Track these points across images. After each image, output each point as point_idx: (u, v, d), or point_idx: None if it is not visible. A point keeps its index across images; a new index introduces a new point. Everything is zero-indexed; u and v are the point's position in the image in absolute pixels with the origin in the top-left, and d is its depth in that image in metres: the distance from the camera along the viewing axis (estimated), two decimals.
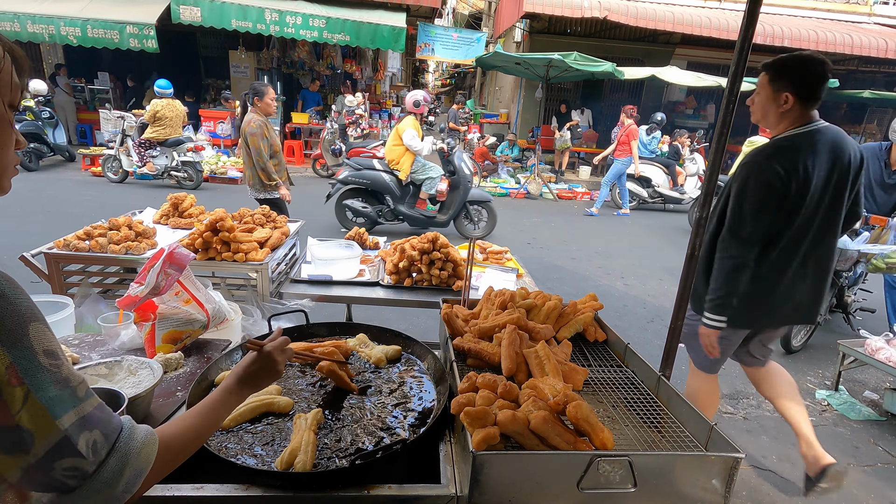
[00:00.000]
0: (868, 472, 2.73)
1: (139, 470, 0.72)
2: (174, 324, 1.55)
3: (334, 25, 9.68)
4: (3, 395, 0.58)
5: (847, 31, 11.43)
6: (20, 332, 0.60)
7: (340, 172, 6.34)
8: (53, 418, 0.62)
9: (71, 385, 0.66)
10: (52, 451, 0.63)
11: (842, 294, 4.17)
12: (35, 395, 0.61)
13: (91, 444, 0.67)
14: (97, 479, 0.67)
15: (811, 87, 1.94)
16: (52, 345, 0.64)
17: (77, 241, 2.26)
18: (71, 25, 8.98)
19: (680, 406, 1.30)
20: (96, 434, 0.68)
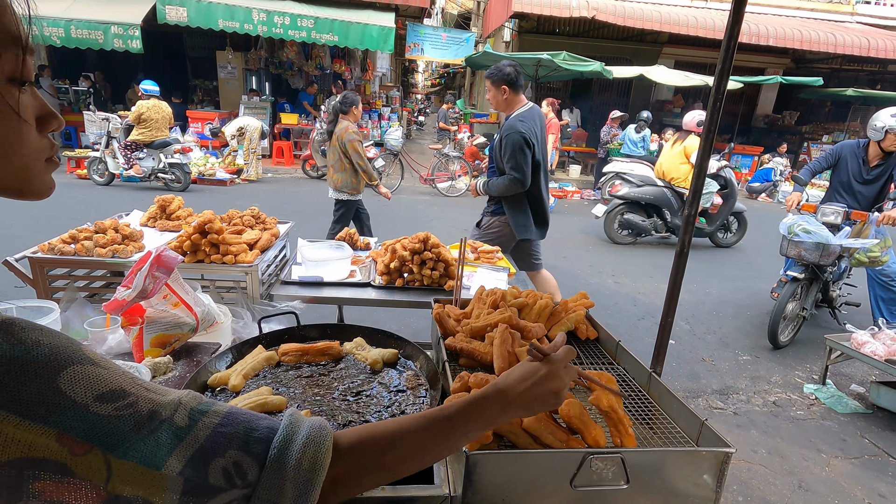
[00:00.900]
0: (855, 464, 2.77)
1: (305, 481, 0.57)
2: (162, 327, 1.53)
3: (323, 25, 9.64)
4: (77, 472, 0.45)
5: (830, 30, 11.61)
6: (50, 393, 0.45)
7: (618, 189, 6.83)
8: (156, 469, 0.49)
9: (161, 418, 0.52)
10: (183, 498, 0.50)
11: (827, 289, 4.22)
12: (114, 454, 0.47)
13: (231, 469, 0.54)
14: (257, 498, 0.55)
15: (512, 80, 3.02)
16: (106, 384, 0.49)
17: (62, 245, 2.22)
18: (54, 26, 8.85)
19: (671, 402, 1.31)
20: (232, 455, 0.54)
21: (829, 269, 4.03)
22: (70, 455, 0.45)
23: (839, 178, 4.26)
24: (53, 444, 0.44)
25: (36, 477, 0.44)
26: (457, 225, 7.34)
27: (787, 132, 14.79)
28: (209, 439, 0.53)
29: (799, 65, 14.44)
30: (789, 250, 3.95)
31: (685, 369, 3.70)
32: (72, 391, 0.46)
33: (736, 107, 12.69)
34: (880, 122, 3.93)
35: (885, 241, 3.84)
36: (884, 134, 3.92)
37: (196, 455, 0.52)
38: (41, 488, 0.44)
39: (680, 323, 4.43)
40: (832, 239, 3.73)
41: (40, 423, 0.44)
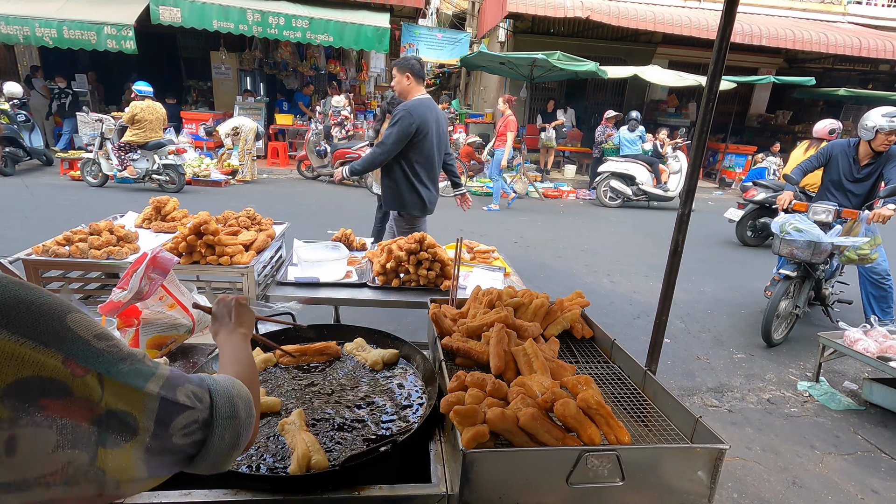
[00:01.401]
0: (849, 460, 2.80)
1: (245, 397, 0.75)
2: (159, 329, 1.53)
3: (317, 26, 9.61)
4: (76, 391, 0.55)
5: (822, 30, 11.69)
6: (59, 328, 0.56)
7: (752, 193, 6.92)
8: (139, 388, 0.61)
9: (138, 357, 0.64)
10: (159, 419, 0.62)
11: (819, 287, 4.25)
12: (108, 376, 0.58)
13: (191, 395, 0.67)
14: (219, 417, 0.69)
15: (416, 71, 3.34)
16: (99, 329, 0.61)
17: (56, 247, 2.21)
18: (46, 26, 8.79)
19: (666, 400, 1.32)
20: (190, 387, 0.68)
21: (820, 267, 4.06)
22: (72, 376, 0.55)
23: (830, 177, 4.29)
24: (60, 365, 0.54)
25: (42, 394, 0.53)
26: (453, 225, 7.34)
27: (781, 131, 14.87)
28: (171, 375, 0.67)
29: (791, 65, 14.53)
30: (781, 249, 3.98)
31: (680, 367, 3.72)
32: (77, 328, 0.57)
33: (729, 106, 12.75)
34: (871, 122, 3.96)
35: (875, 238, 3.88)
36: (874, 133, 3.95)
37: (167, 382, 0.65)
38: (45, 404, 0.53)
39: (675, 321, 4.45)
40: (823, 237, 3.76)
41: (52, 348, 0.54)
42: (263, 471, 1.09)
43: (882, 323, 3.70)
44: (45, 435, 0.52)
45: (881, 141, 3.95)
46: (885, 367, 3.04)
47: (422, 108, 3.28)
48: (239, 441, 0.73)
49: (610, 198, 9.64)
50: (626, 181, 9.50)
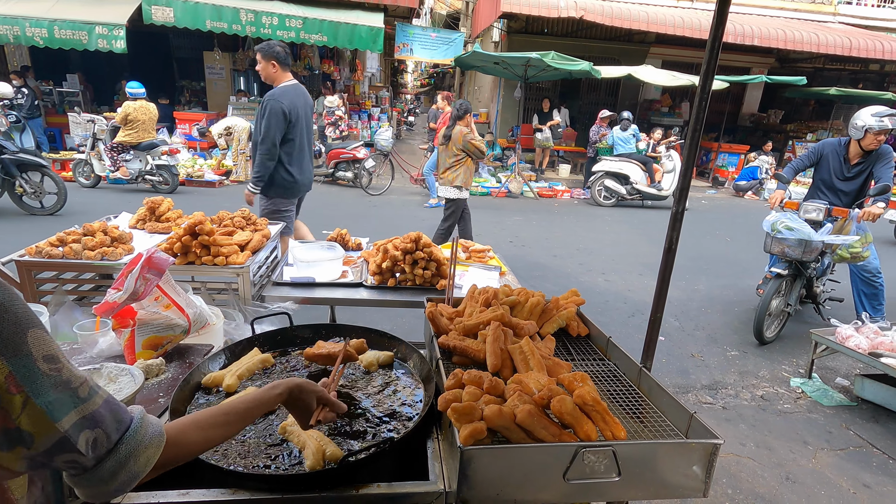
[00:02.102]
0: (841, 455, 2.83)
1: (135, 474, 0.74)
2: (154, 329, 1.53)
3: (311, 26, 9.58)
4: (2, 402, 0.60)
5: (813, 30, 11.80)
6: (18, 341, 0.60)
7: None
8: (53, 421, 0.64)
9: (72, 387, 0.67)
10: (51, 449, 0.65)
11: (811, 285, 4.29)
12: (34, 400, 0.62)
13: (91, 442, 0.69)
14: (93, 475, 0.70)
15: (281, 58, 3.41)
16: (51, 349, 0.65)
17: (50, 248, 2.20)
18: (37, 26, 8.70)
19: (661, 397, 1.33)
20: (98, 432, 0.70)
21: (811, 265, 4.10)
22: (6, 391, 0.59)
23: (821, 176, 4.32)
24: (2, 378, 0.59)
25: None
26: None
27: (773, 130, 15.00)
28: (95, 413, 0.69)
29: (783, 64, 14.65)
30: (773, 247, 4.02)
31: (675, 365, 3.75)
32: (32, 346, 0.61)
33: (722, 106, 12.83)
34: (860, 121, 3.99)
35: (866, 236, 3.92)
36: (864, 133, 3.98)
37: (81, 421, 0.67)
38: None
39: (669, 319, 4.48)
40: (814, 235, 3.79)
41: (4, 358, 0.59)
42: (273, 467, 1.09)
43: (873, 320, 3.74)
44: None
45: (870, 140, 3.98)
46: (877, 364, 3.07)
47: (290, 94, 3.39)
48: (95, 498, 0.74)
49: (604, 197, 9.68)
50: (621, 180, 9.55)
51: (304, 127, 3.57)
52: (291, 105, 3.37)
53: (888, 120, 3.88)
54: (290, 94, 3.39)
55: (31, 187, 6.55)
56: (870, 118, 3.93)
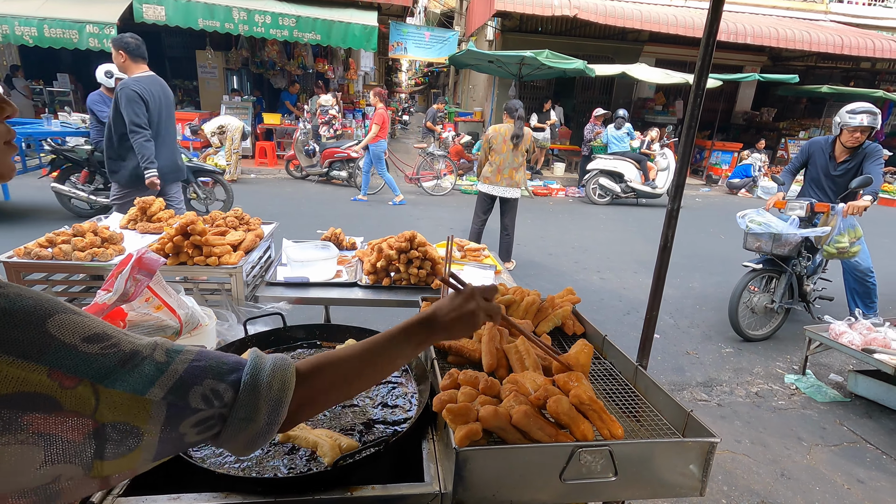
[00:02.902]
0: (835, 451, 2.84)
1: (277, 400, 0.67)
2: (145, 331, 1.50)
3: (305, 24, 9.53)
4: (66, 405, 0.50)
5: (805, 29, 11.87)
6: (40, 334, 0.50)
7: None
8: (141, 396, 0.55)
9: (143, 356, 0.58)
10: (167, 423, 0.57)
11: (801, 283, 4.27)
12: (102, 384, 0.52)
13: (207, 395, 0.61)
14: (234, 417, 0.64)
15: (131, 49, 3.49)
16: (91, 329, 0.55)
17: (39, 249, 2.17)
18: (26, 25, 8.61)
19: (657, 395, 1.32)
20: (209, 383, 0.62)
21: (794, 260, 4.06)
22: (60, 388, 0.50)
23: (810, 175, 4.32)
24: (45, 378, 0.49)
25: (26, 410, 0.48)
26: (443, 223, 7.34)
27: (765, 128, 15.09)
28: (187, 371, 0.60)
29: (776, 62, 14.74)
30: (750, 243, 4.06)
31: (670, 362, 3.76)
32: (60, 334, 0.51)
33: (716, 104, 12.90)
34: (838, 119, 3.98)
35: (855, 231, 3.89)
36: (840, 130, 3.97)
37: (177, 384, 0.58)
38: (30, 420, 0.48)
39: (664, 317, 4.49)
40: (785, 229, 3.81)
41: (32, 361, 0.49)
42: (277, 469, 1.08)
43: (866, 317, 3.76)
44: (29, 452, 0.48)
45: (848, 137, 3.95)
46: (870, 360, 3.09)
47: (143, 82, 3.51)
48: (254, 444, 0.67)
49: (599, 195, 9.70)
50: (615, 178, 9.57)
51: (163, 117, 3.70)
52: (145, 91, 3.48)
53: (864, 117, 3.83)
54: (144, 82, 3.51)
55: (203, 193, 6.79)
56: (845, 115, 3.91)
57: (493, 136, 5.10)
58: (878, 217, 9.93)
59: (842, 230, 3.89)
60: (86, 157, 6.17)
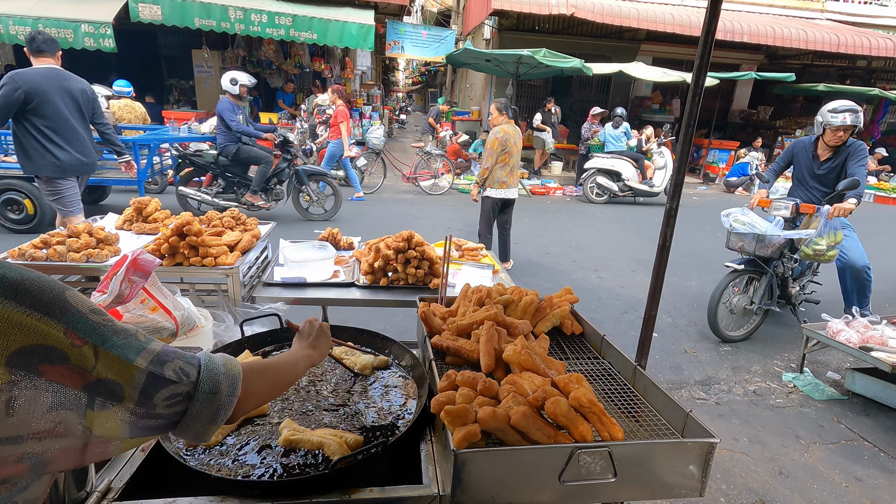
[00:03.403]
0: (833, 449, 2.85)
1: (233, 377, 0.80)
2: None
3: (301, 23, 9.50)
4: (72, 359, 0.60)
5: (801, 27, 11.89)
6: (61, 301, 0.62)
7: None
8: (130, 361, 0.66)
9: (130, 332, 0.69)
10: (144, 391, 0.67)
11: (785, 285, 4.19)
12: (102, 347, 0.64)
13: (178, 370, 0.73)
14: (200, 391, 0.75)
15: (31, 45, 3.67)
16: (94, 305, 0.67)
17: (33, 250, 2.15)
18: (21, 24, 8.55)
19: (656, 395, 1.32)
20: (178, 362, 0.73)
21: (776, 262, 3.98)
22: (71, 346, 0.61)
23: (796, 175, 4.26)
24: (61, 336, 0.60)
25: (43, 360, 0.58)
26: (440, 223, 7.33)
27: (762, 127, 15.12)
28: (162, 350, 0.72)
29: (772, 61, 14.77)
30: (733, 243, 3.99)
31: (668, 361, 3.76)
32: (75, 303, 0.63)
33: (712, 102, 12.91)
34: (820, 118, 3.89)
35: (835, 235, 3.80)
36: (823, 129, 3.88)
37: (156, 358, 0.70)
38: (45, 369, 0.58)
39: (662, 316, 4.49)
40: (769, 230, 3.74)
41: (55, 319, 0.60)
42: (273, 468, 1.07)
43: (862, 314, 3.75)
44: (41, 397, 0.58)
45: (830, 136, 3.86)
46: (867, 357, 3.09)
47: (31, 74, 3.64)
48: (217, 417, 0.78)
49: (596, 194, 9.70)
50: (612, 177, 9.57)
51: (70, 108, 3.81)
52: (29, 82, 3.58)
53: (846, 116, 3.73)
54: (31, 74, 3.63)
55: (315, 195, 7.01)
56: (827, 114, 3.81)
57: (506, 138, 4.81)
58: (875, 215, 9.97)
59: (823, 233, 3.80)
60: (212, 161, 6.40)
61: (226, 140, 6.25)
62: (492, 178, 4.93)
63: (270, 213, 6.95)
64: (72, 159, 3.83)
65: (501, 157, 4.85)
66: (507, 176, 4.96)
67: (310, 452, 1.13)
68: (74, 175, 3.92)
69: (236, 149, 6.30)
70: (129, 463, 1.11)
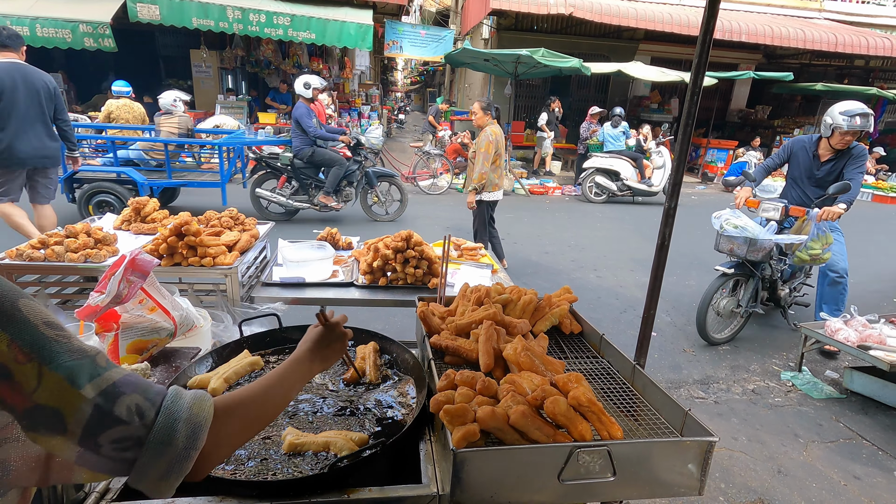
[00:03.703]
0: (831, 447, 2.85)
1: (196, 424, 0.67)
2: (139, 333, 1.49)
3: (299, 23, 9.49)
4: (14, 376, 0.54)
5: (799, 27, 11.91)
6: (11, 308, 0.55)
7: None
8: (76, 388, 0.57)
9: (88, 354, 0.61)
10: (87, 427, 0.58)
11: (774, 288, 4.13)
12: (48, 367, 0.56)
13: (133, 408, 0.62)
14: (153, 440, 0.63)
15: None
16: (50, 318, 0.59)
17: (31, 251, 2.14)
18: (18, 24, 8.52)
19: (655, 394, 1.32)
20: (135, 398, 0.63)
21: (771, 265, 3.92)
22: (14, 361, 0.54)
23: (791, 174, 4.16)
24: (5, 347, 0.54)
25: None
26: (439, 223, 7.33)
27: (760, 126, 15.15)
28: (121, 380, 0.63)
29: (770, 60, 14.79)
30: (722, 245, 3.88)
31: (667, 360, 3.76)
32: (27, 313, 0.57)
33: (711, 102, 12.93)
34: (830, 119, 3.75)
35: (826, 237, 3.73)
36: (832, 131, 3.74)
37: (109, 388, 0.61)
38: None
39: (661, 315, 4.50)
40: (761, 234, 3.64)
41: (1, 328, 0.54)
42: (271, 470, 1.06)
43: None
44: None
45: (838, 139, 3.74)
46: (865, 356, 3.10)
47: None
48: (170, 474, 0.65)
49: (595, 193, 9.71)
50: (611, 177, 9.58)
51: (28, 101, 3.98)
52: None
53: (859, 119, 3.62)
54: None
55: (383, 196, 7.20)
56: (839, 116, 3.68)
57: (498, 140, 4.74)
58: (873, 214, 9.99)
59: (815, 236, 3.73)
60: (287, 163, 6.54)
61: (301, 143, 6.44)
62: (488, 182, 4.83)
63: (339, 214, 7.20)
64: (22, 153, 3.98)
65: (493, 159, 4.75)
66: (499, 177, 4.90)
67: (317, 454, 1.12)
68: (24, 167, 4.07)
69: (311, 152, 6.49)
70: None
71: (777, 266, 4.00)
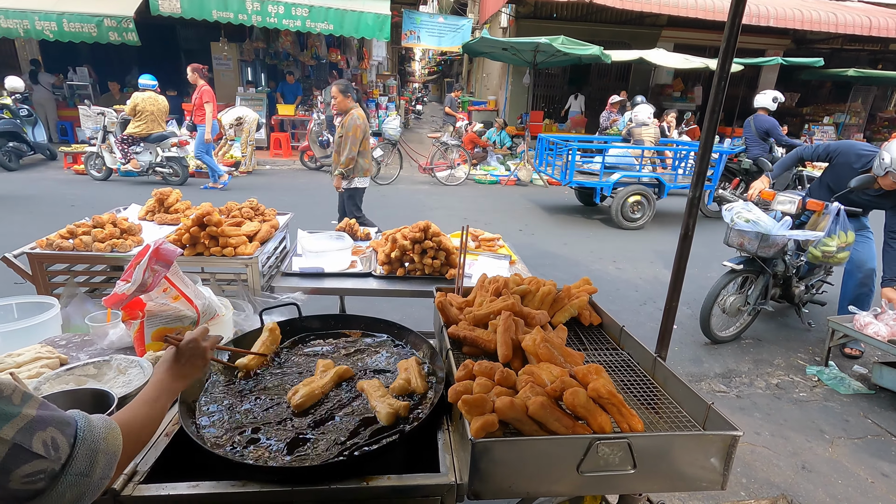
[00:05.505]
0: (859, 444, 2.78)
1: (112, 454, 0.73)
2: (163, 321, 1.52)
3: (317, 14, 9.51)
4: None
5: (831, 10, 11.46)
6: None
7: None
8: None
9: (4, 395, 0.63)
10: (4, 464, 0.60)
11: (788, 284, 3.94)
12: None
13: (49, 443, 0.65)
14: (70, 472, 0.66)
15: None
16: None
17: (60, 241, 2.21)
18: (46, 20, 8.74)
19: (676, 387, 1.30)
20: (51, 432, 0.66)
21: (775, 260, 3.70)
22: None
23: (828, 180, 3.78)
24: None
25: None
26: (457, 213, 7.31)
27: (788, 114, 14.67)
28: (37, 416, 0.65)
29: (799, 45, 14.28)
30: (732, 239, 3.68)
31: (688, 353, 3.70)
32: None
33: (736, 89, 12.54)
34: (886, 159, 3.25)
35: (846, 236, 3.50)
36: (885, 172, 3.29)
37: (27, 425, 0.63)
38: None
39: (681, 307, 4.42)
40: (773, 229, 3.44)
41: None
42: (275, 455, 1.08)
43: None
44: None
45: (888, 182, 3.32)
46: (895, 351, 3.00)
47: None
48: (81, 500, 0.69)
49: None
50: None
51: None
52: None
53: None
54: None
55: None
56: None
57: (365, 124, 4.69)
58: None
59: (833, 232, 3.49)
60: (745, 168, 7.36)
61: (760, 151, 7.18)
62: (358, 167, 4.67)
63: None
64: None
65: (362, 144, 4.62)
66: (369, 164, 4.77)
67: (326, 441, 1.13)
68: None
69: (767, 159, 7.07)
70: (154, 447, 1.14)
71: (792, 262, 3.80)
